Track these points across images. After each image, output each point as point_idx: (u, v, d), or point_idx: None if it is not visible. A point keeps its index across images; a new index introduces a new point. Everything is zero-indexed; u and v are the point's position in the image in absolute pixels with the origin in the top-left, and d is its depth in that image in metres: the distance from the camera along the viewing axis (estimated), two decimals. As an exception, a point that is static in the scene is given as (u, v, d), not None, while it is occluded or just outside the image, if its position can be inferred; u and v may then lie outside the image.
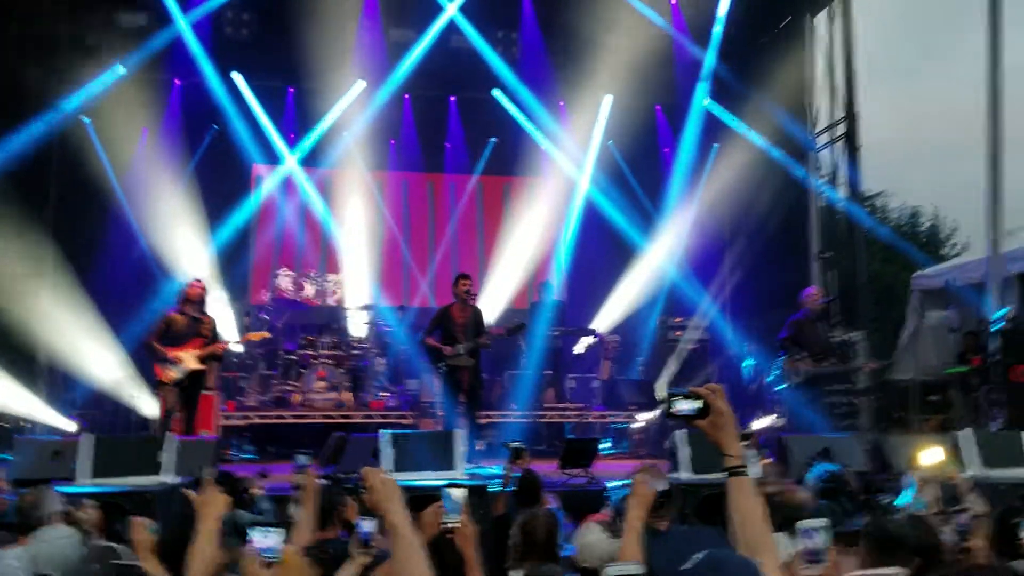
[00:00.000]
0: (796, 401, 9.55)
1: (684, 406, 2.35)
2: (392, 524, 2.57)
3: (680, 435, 6.90)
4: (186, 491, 3.67)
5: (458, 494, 3.16)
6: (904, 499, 5.17)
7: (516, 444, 5.97)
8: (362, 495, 2.78)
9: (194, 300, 8.70)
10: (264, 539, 2.85)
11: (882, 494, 6.31)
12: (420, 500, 4.99)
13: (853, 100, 12.83)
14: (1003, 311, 10.62)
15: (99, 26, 12.23)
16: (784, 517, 4.08)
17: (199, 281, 8.98)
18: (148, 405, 10.46)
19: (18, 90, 11.29)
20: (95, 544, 3.82)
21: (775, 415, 11.07)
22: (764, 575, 1.97)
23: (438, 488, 5.73)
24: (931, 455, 5.11)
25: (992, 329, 10.51)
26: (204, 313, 8.83)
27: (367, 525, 3.15)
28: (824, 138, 13.31)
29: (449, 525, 3.13)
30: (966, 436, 7.00)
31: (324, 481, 4.83)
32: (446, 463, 6.39)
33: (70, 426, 10.45)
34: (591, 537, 3.36)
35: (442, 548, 3.18)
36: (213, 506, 3.30)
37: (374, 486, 2.63)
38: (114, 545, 3.73)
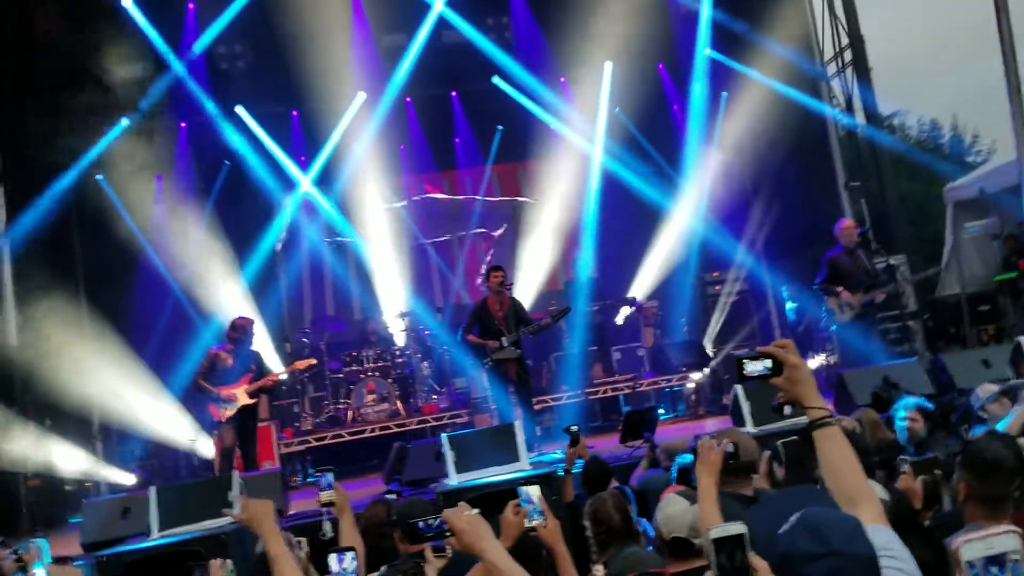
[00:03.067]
0: (849, 336, 9.41)
1: (756, 367, 2.28)
2: (492, 563, 2.47)
3: (739, 390, 6.82)
4: (231, 513, 3.58)
5: (535, 491, 3.11)
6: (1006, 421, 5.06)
7: (573, 428, 5.93)
8: (450, 540, 2.68)
9: (244, 335, 8.73)
10: (340, 563, 2.87)
11: (954, 413, 6.22)
12: (491, 497, 5.01)
13: (856, 23, 12.61)
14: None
15: (97, 85, 12.30)
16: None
17: (244, 316, 9.03)
18: (206, 447, 10.55)
19: (27, 161, 11.40)
20: None
21: (826, 353, 10.95)
22: (864, 529, 1.89)
23: (506, 483, 5.79)
24: None
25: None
26: (250, 348, 8.87)
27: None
28: (833, 67, 13.10)
29: (533, 524, 3.07)
30: (1023, 342, 6.83)
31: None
32: (510, 456, 6.35)
33: (131, 479, 10.57)
34: (674, 508, 3.29)
35: (531, 548, 3.13)
36: (261, 514, 3.18)
37: (462, 528, 2.53)
38: None
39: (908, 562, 2.07)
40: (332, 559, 2.91)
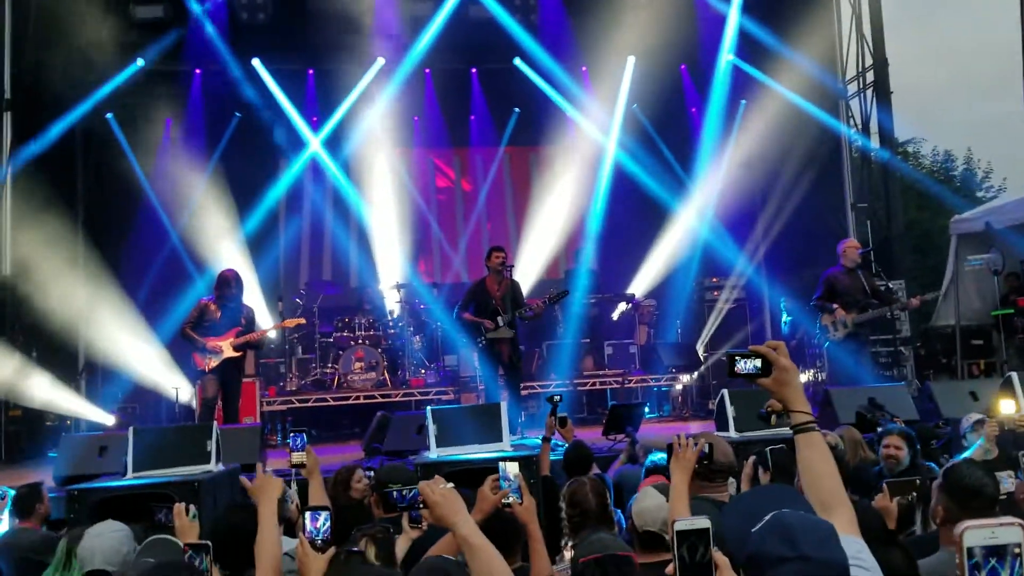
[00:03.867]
0: (839, 354, 9.41)
1: (746, 365, 2.28)
2: (464, 537, 2.49)
3: (725, 394, 6.81)
4: (242, 479, 3.78)
5: (514, 468, 3.12)
6: (971, 450, 5.08)
7: (560, 410, 5.96)
8: (423, 512, 2.71)
9: (228, 289, 8.67)
10: (314, 522, 2.87)
11: (936, 441, 6.24)
12: (469, 474, 5.00)
13: (882, 46, 12.56)
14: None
15: (116, 21, 12.22)
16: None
17: (231, 269, 8.97)
18: (189, 396, 10.54)
19: (39, 90, 11.33)
20: (155, 537, 3.82)
21: (815, 369, 10.96)
22: (838, 536, 1.87)
23: (485, 462, 5.77)
24: (1008, 405, 5.04)
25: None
26: (241, 302, 8.83)
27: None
28: (854, 87, 13.06)
29: (509, 500, 3.08)
30: (1014, 379, 6.82)
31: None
32: (492, 436, 6.33)
33: (110, 420, 10.55)
34: (649, 502, 3.29)
35: (503, 522, 3.14)
36: (270, 490, 3.31)
37: (435, 501, 2.55)
38: (171, 538, 3.71)
39: (877, 572, 2.07)
40: (307, 516, 2.91)
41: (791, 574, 1.77)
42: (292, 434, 4.42)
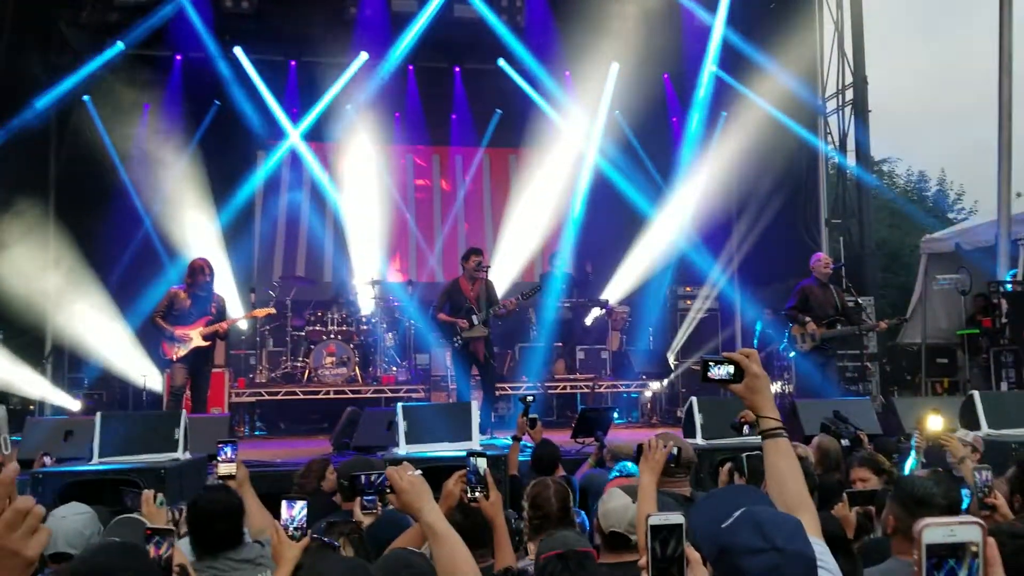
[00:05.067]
0: (805, 366, 9.52)
1: (719, 371, 2.34)
2: (428, 524, 2.50)
3: (694, 402, 6.88)
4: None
5: (482, 463, 3.15)
6: (912, 465, 5.18)
7: (531, 411, 5.99)
8: (390, 497, 2.71)
9: (199, 277, 8.62)
10: (290, 510, 2.91)
11: (897, 455, 6.33)
12: (437, 472, 5.01)
13: (863, 64, 12.71)
14: (1011, 272, 10.56)
15: (98, 4, 12.11)
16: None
17: (202, 258, 8.92)
18: (157, 384, 10.46)
19: (17, 70, 11.18)
20: (122, 517, 3.80)
21: (783, 381, 11.07)
22: (805, 531, 1.92)
23: (453, 459, 5.79)
24: (934, 422, 5.16)
25: (1002, 290, 10.44)
26: (212, 291, 8.78)
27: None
28: (833, 103, 13.20)
29: (476, 495, 3.11)
30: (975, 398, 6.95)
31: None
32: (462, 434, 6.35)
33: (76, 406, 10.45)
34: (616, 503, 3.32)
35: (468, 515, 3.16)
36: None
37: (403, 488, 2.56)
38: (140, 517, 3.70)
39: (838, 574, 2.12)
40: (283, 505, 2.92)
41: (763, 564, 1.80)
42: (220, 444, 4.02)
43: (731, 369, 2.36)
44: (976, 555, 1.34)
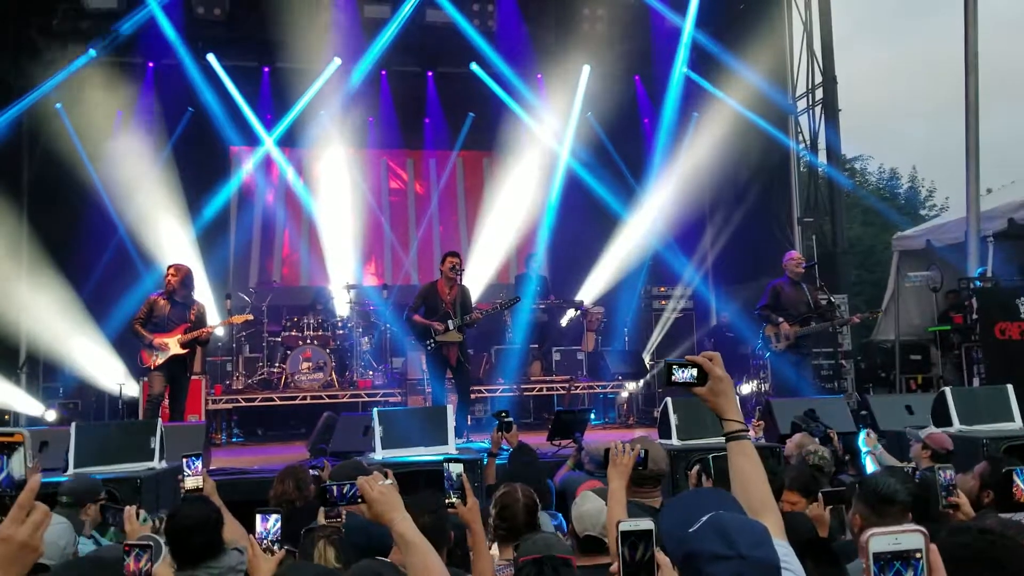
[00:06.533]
0: (780, 365, 9.60)
1: (683, 374, 2.37)
2: (400, 533, 2.47)
3: (669, 403, 6.93)
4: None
5: (458, 469, 3.16)
6: (872, 466, 5.28)
7: (507, 418, 6.01)
8: (360, 508, 2.68)
9: (177, 284, 8.57)
10: (264, 523, 2.89)
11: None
12: (412, 476, 5.04)
13: (832, 64, 12.85)
14: (980, 270, 10.68)
15: (69, 11, 12.04)
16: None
17: (180, 265, 8.87)
18: (134, 392, 10.40)
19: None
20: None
21: (758, 380, 11.15)
22: (771, 538, 1.96)
23: (430, 464, 5.82)
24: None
25: (972, 287, 10.57)
26: (192, 299, 8.73)
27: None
28: (803, 103, 13.33)
29: (453, 501, 3.12)
30: (947, 394, 7.05)
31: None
32: (438, 438, 6.38)
33: (51, 415, 10.37)
34: (589, 506, 3.35)
35: (441, 525, 3.17)
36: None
37: (374, 498, 2.51)
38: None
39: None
40: (257, 518, 2.92)
41: (727, 572, 1.84)
42: (186, 457, 4.01)
43: (695, 372, 2.38)
44: (920, 560, 1.39)
